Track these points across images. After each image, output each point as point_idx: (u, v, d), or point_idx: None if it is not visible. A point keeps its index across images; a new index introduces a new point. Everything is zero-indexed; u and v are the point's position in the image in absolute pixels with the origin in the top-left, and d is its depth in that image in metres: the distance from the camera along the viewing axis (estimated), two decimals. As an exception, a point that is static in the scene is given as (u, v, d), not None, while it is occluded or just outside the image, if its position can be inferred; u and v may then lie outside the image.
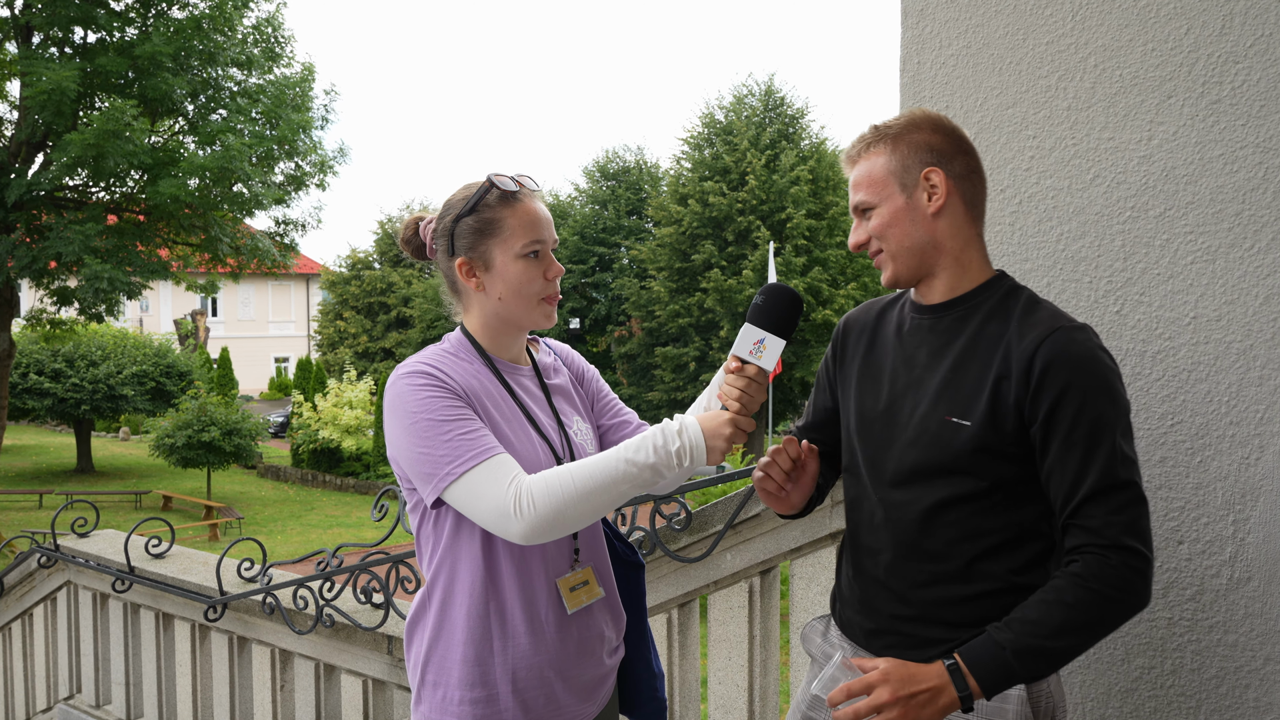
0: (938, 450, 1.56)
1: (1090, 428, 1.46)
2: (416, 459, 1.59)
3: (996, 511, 1.55)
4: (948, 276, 1.62)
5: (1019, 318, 1.55)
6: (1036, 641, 1.42)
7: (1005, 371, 1.51)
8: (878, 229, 1.61)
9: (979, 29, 2.07)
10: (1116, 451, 1.46)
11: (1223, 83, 1.83)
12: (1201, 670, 1.88)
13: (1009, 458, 1.52)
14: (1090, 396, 1.47)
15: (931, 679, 1.43)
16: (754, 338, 1.60)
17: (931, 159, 1.58)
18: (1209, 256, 1.85)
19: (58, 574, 4.66)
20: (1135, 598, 1.44)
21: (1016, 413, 1.50)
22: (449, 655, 1.67)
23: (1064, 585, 1.44)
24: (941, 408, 1.56)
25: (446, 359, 1.69)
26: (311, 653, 3.58)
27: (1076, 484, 1.47)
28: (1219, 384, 1.85)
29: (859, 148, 1.64)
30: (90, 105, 17.87)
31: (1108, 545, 1.43)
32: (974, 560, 1.56)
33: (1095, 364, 1.49)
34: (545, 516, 1.53)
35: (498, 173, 1.71)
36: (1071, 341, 1.49)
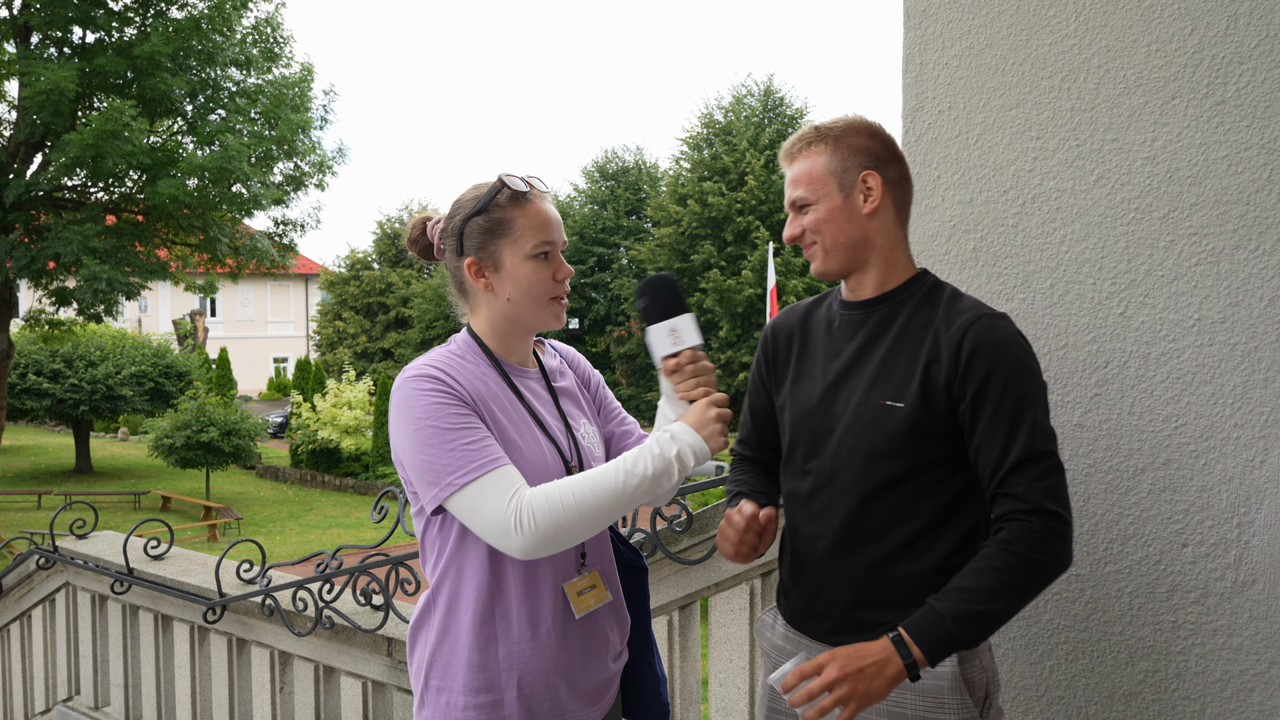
0: (874, 433, 1.65)
1: (1014, 404, 1.58)
2: (420, 466, 1.58)
3: (930, 492, 1.64)
4: (877, 273, 1.73)
5: (944, 308, 1.67)
6: (972, 607, 1.51)
7: (935, 356, 1.62)
8: (814, 224, 1.70)
9: (982, 29, 2.06)
10: (1037, 426, 1.58)
11: (1227, 84, 1.83)
12: (1206, 674, 1.87)
13: (940, 437, 1.63)
14: (1013, 376, 1.59)
15: (877, 652, 1.51)
16: (665, 330, 1.64)
17: (869, 163, 1.69)
18: (1213, 258, 1.84)
19: (56, 575, 4.65)
20: (1057, 559, 1.54)
21: (946, 393, 1.61)
22: (453, 660, 1.66)
23: (993, 552, 1.54)
24: (876, 393, 1.66)
25: (453, 361, 1.68)
26: (311, 655, 3.56)
27: (1003, 456, 1.57)
28: (1224, 386, 1.84)
29: (800, 146, 1.73)
30: (89, 105, 17.84)
31: (1031, 510, 1.54)
32: (910, 541, 1.64)
33: (1017, 347, 1.62)
34: (545, 533, 1.53)
35: (509, 173, 1.70)
36: (995, 327, 1.61)
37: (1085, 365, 1.96)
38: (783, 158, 1.76)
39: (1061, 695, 2.00)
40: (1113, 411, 1.94)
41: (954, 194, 2.11)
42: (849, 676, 1.48)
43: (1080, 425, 1.97)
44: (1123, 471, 1.93)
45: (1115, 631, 1.95)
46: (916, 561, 1.65)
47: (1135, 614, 1.93)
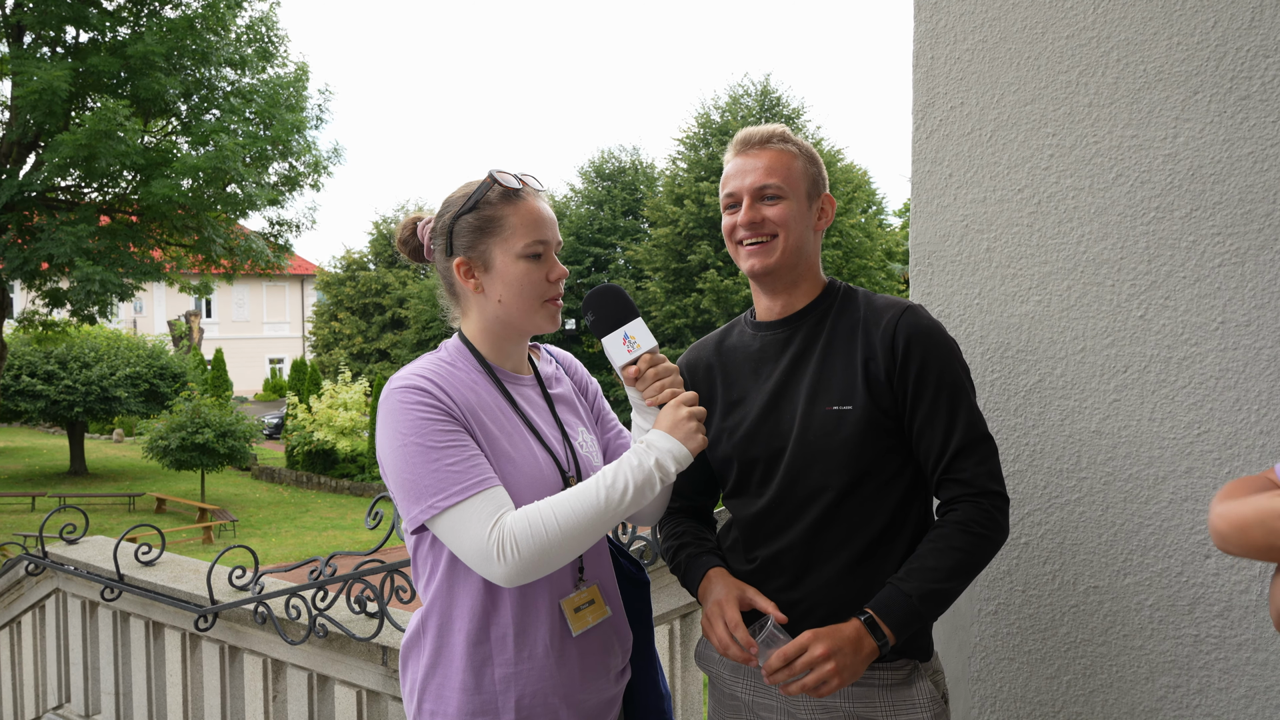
0: (828, 440, 1.66)
1: (951, 391, 1.65)
2: (403, 484, 1.53)
3: (886, 491, 1.68)
4: (807, 286, 1.78)
5: (865, 307, 1.73)
6: (935, 585, 1.57)
7: (870, 353, 1.67)
8: (781, 217, 1.71)
9: (996, 22, 1.99)
10: (972, 409, 1.67)
11: (1252, 77, 1.76)
12: (1230, 689, 1.81)
13: (886, 431, 1.66)
14: (946, 363, 1.66)
15: (851, 633, 1.56)
16: (618, 340, 1.60)
17: (825, 189, 1.80)
18: (1237, 259, 1.78)
19: (46, 581, 4.58)
20: (1001, 534, 1.63)
21: (888, 384, 1.66)
22: (447, 683, 1.58)
23: (950, 532, 1.61)
24: (821, 400, 1.68)
25: (443, 370, 1.60)
26: (304, 663, 3.50)
27: (946, 441, 1.64)
28: (1248, 392, 1.78)
29: (776, 140, 1.75)
30: (82, 105, 17.75)
31: (979, 493, 1.62)
32: (875, 543, 1.67)
33: (943, 334, 1.70)
34: (530, 560, 1.47)
35: (500, 169, 1.63)
36: (919, 317, 1.68)
37: (1104, 370, 1.90)
38: (751, 144, 1.75)
39: (1079, 711, 1.94)
40: (1132, 418, 1.87)
41: (966, 193, 2.04)
42: (833, 654, 1.54)
43: (1098, 432, 1.91)
44: (1143, 480, 1.87)
45: (1135, 645, 1.88)
46: (883, 562, 1.66)
47: (1156, 627, 1.86)
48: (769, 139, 1.75)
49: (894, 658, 1.66)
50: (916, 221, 2.11)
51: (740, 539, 1.79)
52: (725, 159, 1.80)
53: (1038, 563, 1.98)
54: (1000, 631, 2.02)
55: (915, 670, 1.67)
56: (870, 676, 1.66)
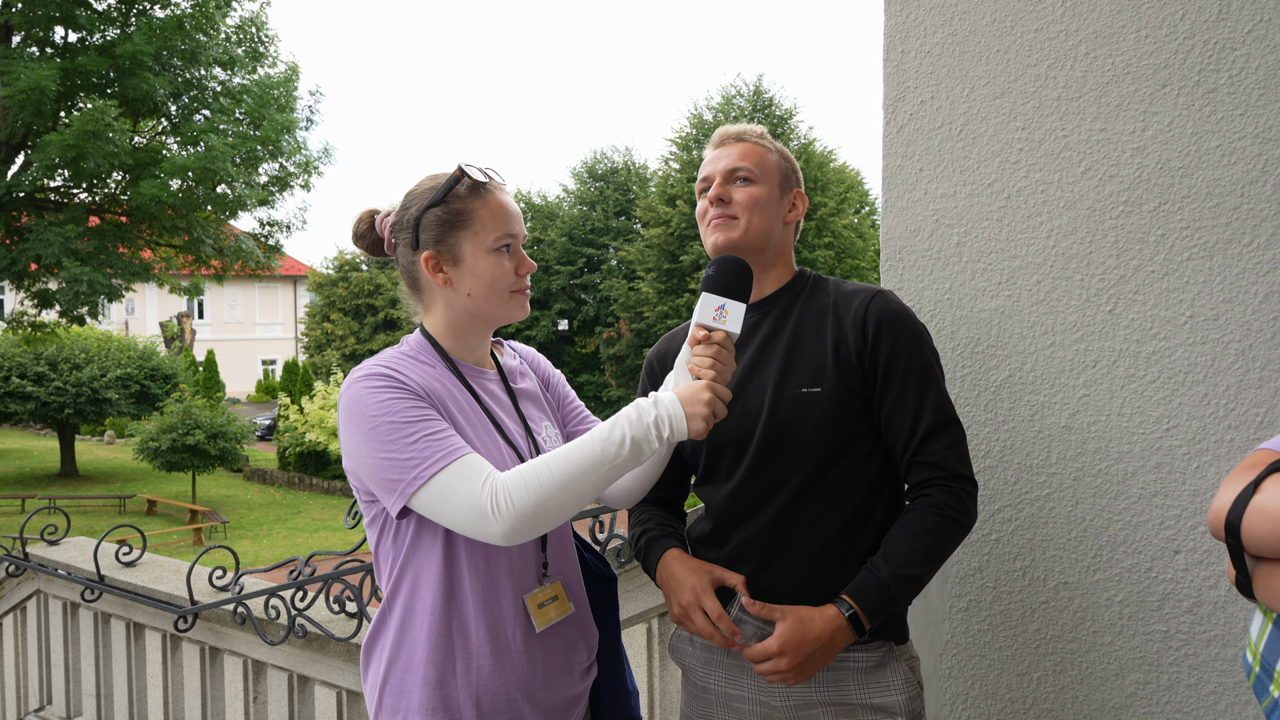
0: (797, 423, 1.67)
1: (920, 374, 1.67)
2: (379, 465, 1.49)
3: (855, 473, 1.68)
4: (776, 273, 1.80)
5: (834, 292, 1.74)
6: (911, 570, 1.59)
7: (841, 336, 1.68)
8: (749, 199, 1.74)
9: (965, 15, 1.99)
10: (941, 393, 1.68)
11: (1219, 70, 1.76)
12: (1199, 685, 1.80)
13: (859, 414, 1.68)
14: (916, 347, 1.68)
15: (826, 631, 1.58)
16: (715, 304, 1.57)
17: (799, 186, 1.83)
18: (1206, 253, 1.77)
19: (27, 583, 4.55)
20: (970, 518, 1.65)
21: (859, 367, 1.67)
22: (408, 678, 1.57)
23: (922, 516, 1.62)
24: (791, 383, 1.69)
25: (405, 361, 1.59)
26: (284, 664, 3.48)
27: (915, 424, 1.65)
28: (1216, 386, 1.77)
29: (754, 136, 1.80)
30: (71, 105, 17.68)
31: (950, 476, 1.64)
32: (844, 525, 1.67)
33: (913, 319, 1.71)
34: (525, 512, 1.43)
35: (468, 163, 1.61)
36: (889, 301, 1.70)
37: (1073, 364, 1.89)
38: (727, 138, 1.80)
39: (1050, 708, 1.93)
40: (1102, 413, 1.87)
41: (936, 187, 2.04)
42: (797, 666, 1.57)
43: (1068, 427, 1.90)
44: (1112, 475, 1.86)
45: (1105, 642, 1.87)
46: (854, 545, 1.67)
47: (1126, 624, 1.86)
48: (744, 134, 1.80)
49: (869, 639, 1.66)
50: (887, 216, 2.10)
51: (711, 525, 1.78)
52: (704, 154, 1.83)
53: (1008, 559, 1.97)
54: (971, 628, 2.01)
55: (890, 652, 1.67)
56: (845, 659, 1.66)
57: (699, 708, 1.82)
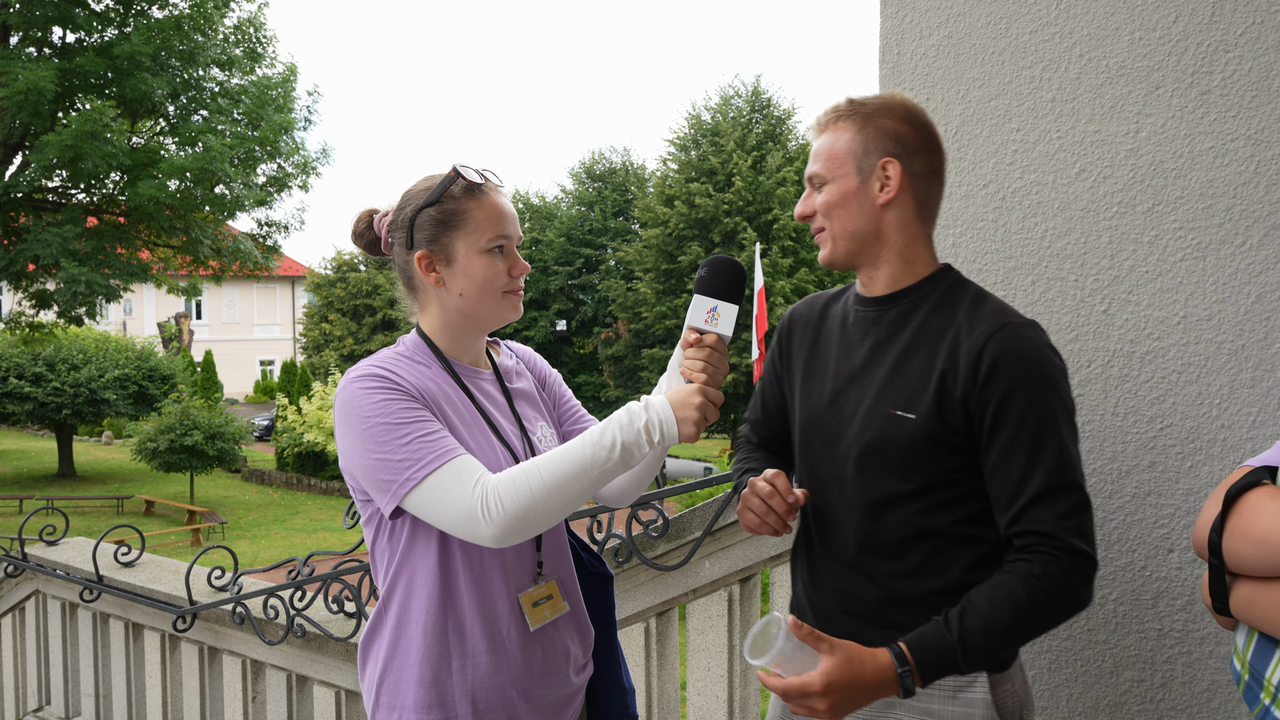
0: (882, 445, 1.53)
1: (1037, 426, 1.44)
2: (372, 466, 1.50)
3: (946, 508, 1.51)
4: (890, 270, 1.59)
5: (966, 311, 1.52)
6: (985, 640, 1.40)
7: (951, 366, 1.49)
8: (825, 206, 1.58)
9: (960, 18, 2.00)
10: (1064, 453, 1.44)
11: (1213, 73, 1.77)
12: (1193, 683, 1.81)
13: (956, 450, 1.49)
14: (1037, 395, 1.45)
15: (874, 680, 1.39)
16: (707, 306, 1.55)
17: (894, 149, 1.55)
18: (1199, 253, 1.79)
19: (26, 583, 4.55)
20: (1079, 601, 1.43)
21: (963, 407, 1.48)
22: (404, 676, 1.58)
23: (1015, 583, 1.41)
24: (886, 401, 1.54)
25: (400, 362, 1.60)
26: (283, 663, 3.49)
27: (1022, 484, 1.44)
28: (1210, 386, 1.78)
29: (829, 118, 1.60)
30: (69, 106, 17.68)
31: (1059, 548, 1.41)
32: (928, 558, 1.52)
33: (1043, 362, 1.47)
34: (515, 515, 1.44)
35: (463, 163, 1.62)
36: (1020, 338, 1.47)
37: (1068, 364, 1.90)
38: (812, 129, 1.64)
39: (1045, 706, 1.94)
40: (1096, 412, 1.88)
41: (933, 188, 2.04)
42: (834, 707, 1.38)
43: (1063, 426, 1.91)
44: (1107, 474, 1.87)
45: (1099, 640, 1.89)
46: (936, 579, 1.52)
47: (1120, 621, 1.87)
48: (824, 119, 1.61)
49: None
50: (883, 217, 2.11)
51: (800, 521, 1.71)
52: None
53: (1004, 557, 1.98)
54: (967, 626, 2.02)
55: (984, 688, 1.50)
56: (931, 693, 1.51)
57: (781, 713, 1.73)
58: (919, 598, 1.52)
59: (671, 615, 2.88)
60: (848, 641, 1.43)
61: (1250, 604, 1.22)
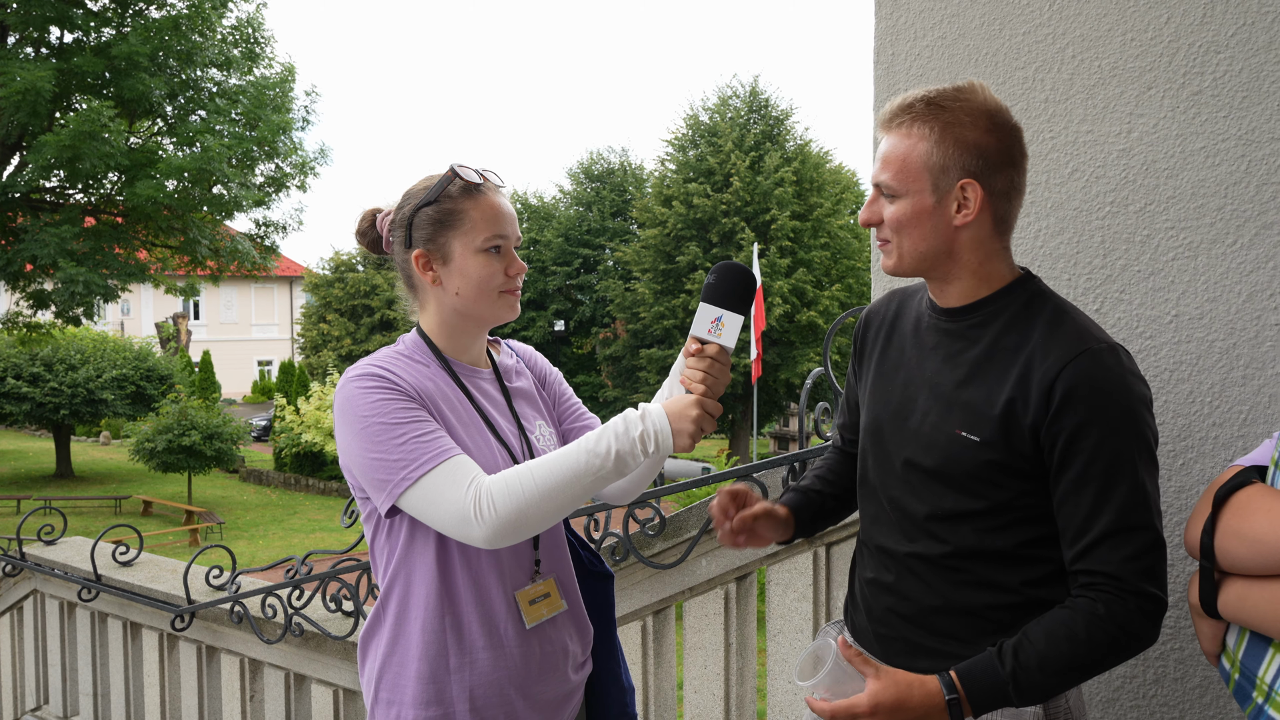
0: (946, 463, 1.47)
1: (1109, 462, 1.36)
2: (369, 465, 1.52)
3: (1009, 528, 1.45)
4: (962, 286, 1.50)
5: (1042, 331, 1.43)
6: (1040, 677, 1.35)
7: (1022, 393, 1.40)
8: (895, 221, 1.47)
9: (954, 19, 2.01)
10: (1138, 490, 1.36)
11: (1204, 73, 1.78)
12: (1185, 680, 1.82)
13: (1022, 475, 1.43)
14: (1113, 429, 1.36)
15: (922, 703, 1.36)
16: (711, 316, 1.54)
17: (975, 167, 1.42)
18: (1190, 252, 1.80)
19: (24, 582, 4.56)
20: (1142, 643, 1.37)
21: (1032, 436, 1.40)
22: (403, 672, 1.59)
23: (1078, 622, 1.35)
24: (953, 420, 1.47)
25: (399, 361, 1.61)
26: (281, 662, 3.50)
27: (1090, 521, 1.37)
28: (1201, 384, 1.80)
29: (902, 117, 1.46)
30: (66, 106, 17.68)
31: (1126, 591, 1.35)
32: (987, 575, 1.47)
33: (1123, 394, 1.38)
34: (507, 518, 1.46)
35: (461, 163, 1.63)
36: (1098, 365, 1.38)
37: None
38: (881, 122, 1.50)
39: (1038, 701, 1.95)
40: (1089, 410, 1.89)
41: (927, 188, 2.06)
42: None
43: (1056, 424, 1.92)
44: (1099, 472, 1.88)
45: (1092, 636, 1.90)
46: (992, 595, 1.47)
47: (1113, 618, 1.88)
48: (897, 117, 1.47)
49: None
50: (878, 217, 2.13)
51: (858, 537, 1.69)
52: None
53: (997, 555, 2.00)
54: (961, 623, 2.04)
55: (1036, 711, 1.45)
56: None
57: None
58: (974, 609, 1.48)
59: (668, 613, 2.89)
60: (897, 669, 1.40)
61: (1241, 601, 1.23)
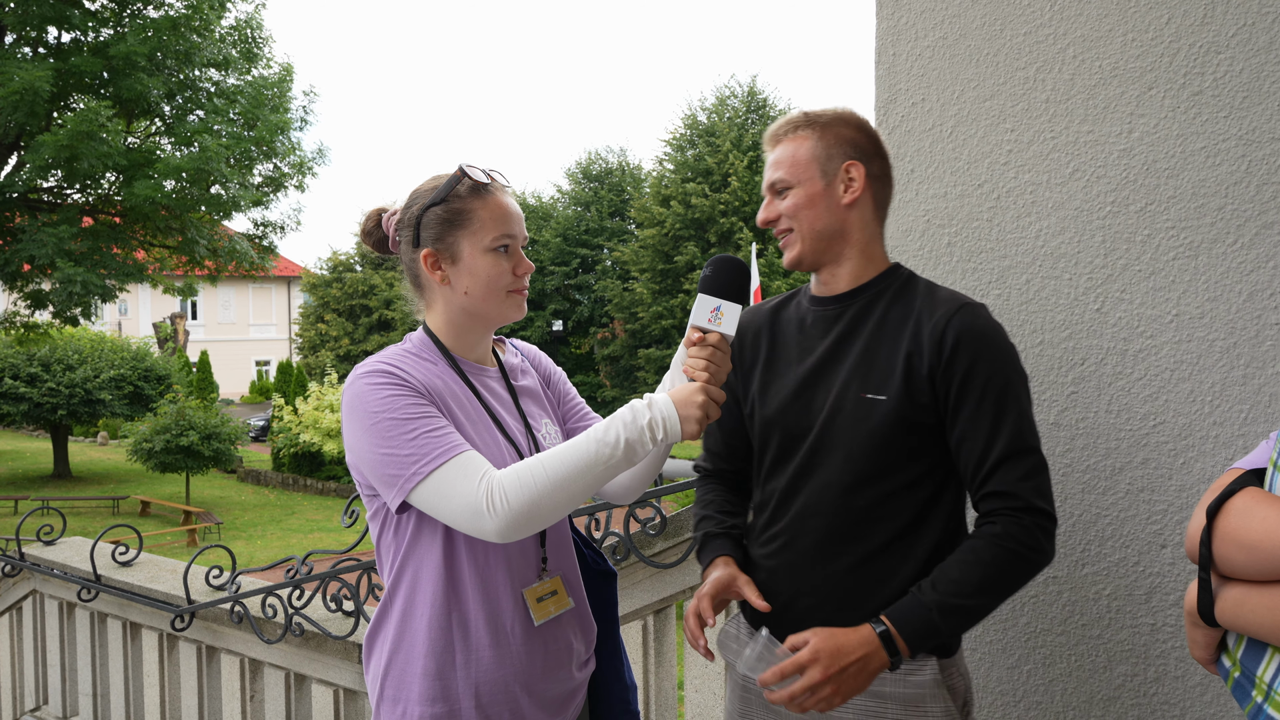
0: (855, 427, 1.61)
1: (998, 396, 1.56)
2: (379, 461, 1.52)
3: (911, 489, 1.61)
4: (853, 266, 1.70)
5: (923, 299, 1.64)
6: (959, 600, 1.50)
7: (916, 347, 1.59)
8: (791, 209, 1.67)
9: (956, 19, 2.02)
10: (1024, 417, 1.57)
11: (1204, 74, 1.79)
12: (1186, 677, 1.83)
13: (922, 429, 1.59)
14: (998, 367, 1.57)
15: (861, 647, 1.49)
16: (710, 306, 1.58)
17: (854, 154, 1.67)
18: (1191, 252, 1.81)
19: (23, 583, 4.56)
20: (1043, 556, 1.53)
21: (929, 384, 1.58)
22: (409, 668, 1.59)
23: (981, 546, 1.52)
24: (856, 386, 1.62)
25: (408, 359, 1.62)
26: (281, 662, 3.49)
27: (988, 449, 1.55)
28: (1202, 383, 1.80)
29: (786, 129, 1.70)
30: (64, 106, 17.66)
31: (1021, 508, 1.52)
32: (892, 540, 1.60)
33: (1000, 337, 1.60)
34: (520, 510, 1.46)
35: (469, 163, 1.64)
36: (976, 315, 1.59)
37: (1062, 362, 1.92)
38: (767, 141, 1.73)
39: (1039, 700, 1.96)
40: (1090, 409, 1.90)
41: (928, 188, 2.07)
42: (831, 678, 1.47)
43: (1057, 424, 1.93)
44: (1100, 471, 1.89)
45: (1093, 635, 1.91)
46: (900, 563, 1.60)
47: (1114, 616, 1.89)
48: (778, 133, 1.71)
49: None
50: (879, 217, 2.13)
51: (764, 519, 1.76)
52: None
53: (999, 554, 2.00)
54: (962, 622, 2.04)
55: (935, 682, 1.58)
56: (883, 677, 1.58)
57: (739, 702, 1.80)
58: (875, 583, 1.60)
59: (669, 613, 2.89)
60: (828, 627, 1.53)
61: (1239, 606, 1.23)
